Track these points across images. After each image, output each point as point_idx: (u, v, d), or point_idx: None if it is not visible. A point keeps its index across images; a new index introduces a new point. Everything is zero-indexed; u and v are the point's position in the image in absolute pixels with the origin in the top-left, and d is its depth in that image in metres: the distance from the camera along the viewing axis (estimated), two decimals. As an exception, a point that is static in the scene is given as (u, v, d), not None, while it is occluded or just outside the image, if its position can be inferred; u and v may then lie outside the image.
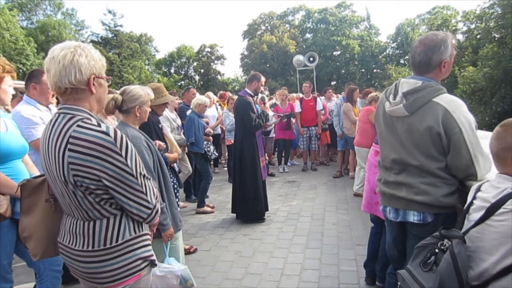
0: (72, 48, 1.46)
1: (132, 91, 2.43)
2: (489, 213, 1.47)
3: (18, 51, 26.28)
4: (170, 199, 2.48)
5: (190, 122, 5.33)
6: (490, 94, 20.38)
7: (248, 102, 4.82)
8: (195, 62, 45.73)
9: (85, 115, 1.48)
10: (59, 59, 1.43)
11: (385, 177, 2.13)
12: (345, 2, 44.26)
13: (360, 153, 5.87)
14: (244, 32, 45.85)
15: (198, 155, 5.47)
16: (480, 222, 1.50)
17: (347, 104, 7.12)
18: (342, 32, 41.91)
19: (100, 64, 1.53)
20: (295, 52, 37.76)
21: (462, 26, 30.88)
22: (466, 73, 22.11)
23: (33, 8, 36.47)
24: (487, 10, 23.40)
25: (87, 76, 1.48)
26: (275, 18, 45.85)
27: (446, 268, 1.46)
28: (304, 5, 45.66)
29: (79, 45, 1.48)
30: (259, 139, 5.00)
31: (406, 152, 1.97)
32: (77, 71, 1.44)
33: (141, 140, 2.34)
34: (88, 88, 1.50)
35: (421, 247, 1.65)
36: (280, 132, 8.21)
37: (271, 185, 6.98)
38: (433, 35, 1.97)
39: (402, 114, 1.96)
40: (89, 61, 1.48)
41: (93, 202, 1.49)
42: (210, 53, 45.74)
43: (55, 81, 1.45)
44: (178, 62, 46.29)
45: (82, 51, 1.47)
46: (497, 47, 21.42)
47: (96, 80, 1.51)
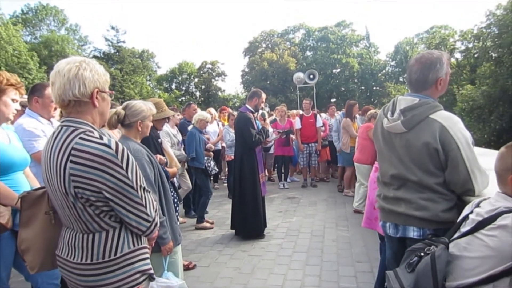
0: (77, 62, 1.49)
1: (134, 106, 2.47)
2: (479, 226, 1.50)
3: (21, 65, 26.58)
4: (170, 213, 2.49)
5: (191, 137, 5.36)
6: (488, 112, 20.53)
7: (249, 118, 4.85)
8: (196, 78, 46.12)
9: (88, 128, 1.50)
10: (64, 73, 1.46)
11: (384, 193, 2.14)
12: (345, 21, 44.97)
13: (360, 170, 5.88)
14: (245, 49, 46.40)
15: (198, 171, 5.47)
16: (469, 233, 1.53)
17: (347, 120, 7.17)
18: (342, 50, 42.41)
19: (104, 78, 1.57)
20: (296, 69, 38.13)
21: (460, 45, 31.27)
22: (465, 91, 22.31)
23: (37, 24, 37.11)
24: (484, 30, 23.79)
25: (90, 90, 1.51)
26: (276, 36, 46.46)
27: (423, 268, 1.51)
28: (305, 24, 46.38)
29: (84, 60, 1.52)
30: (259, 155, 5.01)
31: (404, 167, 1.99)
32: (81, 84, 1.47)
33: (142, 153, 2.37)
34: (91, 101, 1.52)
35: (410, 251, 1.70)
36: (279, 149, 8.23)
37: (270, 201, 6.96)
38: (428, 54, 2.02)
39: (400, 130, 1.99)
40: (93, 75, 1.51)
41: (93, 214, 1.49)
42: (211, 69, 46.18)
43: (59, 94, 1.48)
44: (179, 78, 46.70)
45: (87, 66, 1.50)
46: (494, 66, 21.69)
47: (99, 94, 1.54)
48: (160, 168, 2.47)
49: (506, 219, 1.42)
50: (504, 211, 1.45)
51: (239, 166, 4.97)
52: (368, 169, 5.65)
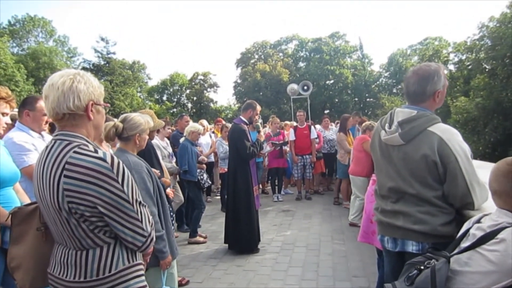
0: (72, 75, 1.50)
1: (133, 119, 2.49)
2: (481, 241, 1.51)
3: (7, 77, 26.40)
4: (168, 226, 2.50)
5: (183, 149, 5.35)
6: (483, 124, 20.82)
7: (243, 130, 4.87)
8: (188, 89, 46.21)
9: (82, 142, 1.50)
10: (58, 86, 1.47)
11: (382, 206, 2.15)
12: (339, 32, 45.54)
13: (355, 182, 5.91)
14: (238, 60, 46.70)
15: (191, 183, 5.45)
16: (470, 248, 1.53)
17: (341, 134, 7.25)
18: (335, 62, 42.88)
19: (99, 91, 1.57)
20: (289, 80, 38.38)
21: (453, 57, 31.86)
22: (459, 103, 22.62)
23: (25, 35, 37.00)
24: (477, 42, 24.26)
25: (85, 102, 1.51)
26: (269, 47, 46.89)
27: (423, 281, 1.52)
28: (298, 35, 46.89)
29: (78, 72, 1.53)
30: (253, 168, 5.02)
31: (402, 180, 2.01)
32: (76, 97, 1.48)
33: (142, 166, 2.38)
34: (86, 114, 1.53)
35: (410, 264, 1.70)
36: (273, 161, 8.25)
37: (265, 214, 6.94)
38: (426, 66, 2.05)
39: (397, 142, 2.01)
40: (88, 88, 1.51)
41: (87, 230, 1.48)
42: (203, 80, 46.32)
43: (53, 107, 1.48)
44: (170, 89, 46.76)
45: (81, 78, 1.51)
46: (488, 78, 22.08)
47: (94, 106, 1.54)
48: (158, 181, 2.49)
49: (509, 233, 1.43)
50: (507, 226, 1.47)
51: (233, 178, 4.96)
52: (363, 181, 5.69)
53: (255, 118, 5.06)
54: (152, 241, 1.63)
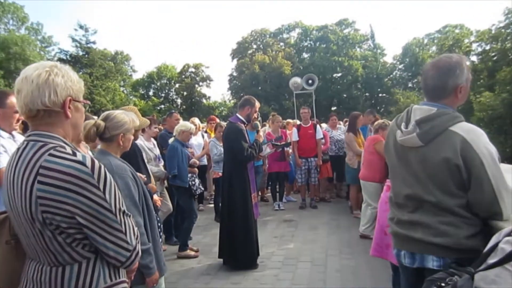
0: (48, 67, 1.49)
1: (116, 117, 2.48)
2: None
3: (-26, 70, 26.38)
4: (155, 239, 2.49)
5: (172, 151, 5.34)
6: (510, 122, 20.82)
7: (240, 130, 4.86)
8: (177, 83, 46.28)
9: (59, 143, 1.49)
10: (33, 79, 1.45)
11: (398, 216, 2.15)
12: (347, 20, 45.69)
13: (366, 188, 5.91)
14: (233, 51, 46.79)
15: (181, 190, 5.44)
16: (498, 264, 1.52)
17: (349, 134, 7.26)
18: (343, 52, 43.02)
19: (78, 86, 1.56)
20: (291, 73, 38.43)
21: (476, 47, 31.98)
22: (483, 98, 22.65)
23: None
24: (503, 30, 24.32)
25: (62, 98, 1.50)
26: (268, 36, 46.98)
27: None
28: (301, 22, 46.99)
29: (55, 64, 1.52)
30: (251, 172, 5.02)
31: (421, 187, 2.00)
32: (52, 91, 1.47)
33: (126, 171, 2.38)
34: (64, 111, 1.51)
35: (430, 280, 1.70)
36: (274, 164, 8.24)
37: (264, 225, 6.94)
38: (446, 58, 2.05)
39: (415, 144, 2.01)
40: (66, 82, 1.50)
41: (64, 243, 1.47)
42: (194, 73, 46.39)
43: (26, 103, 1.47)
44: (157, 83, 46.81)
45: (59, 71, 1.50)
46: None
47: (72, 103, 1.53)
48: (144, 186, 2.48)
49: None
50: None
51: (228, 184, 4.96)
52: (375, 187, 5.70)
53: (253, 116, 5.06)
54: (138, 256, 1.62)
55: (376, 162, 5.66)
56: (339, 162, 8.39)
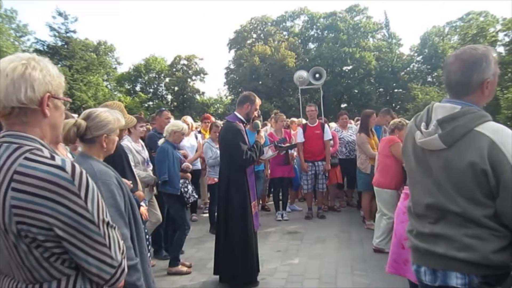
0: (25, 60, 1.48)
1: (99, 116, 2.48)
2: None
3: None
4: (143, 253, 2.48)
5: (162, 154, 5.34)
6: (542, 121, 20.86)
7: (238, 130, 4.86)
8: (168, 77, 46.39)
9: (35, 145, 1.48)
10: (7, 72, 1.45)
11: (418, 228, 2.14)
12: (358, 6, 45.78)
13: (381, 196, 5.91)
14: (231, 41, 46.90)
15: (172, 198, 5.44)
16: None
17: (361, 135, 7.25)
18: (354, 42, 43.10)
19: (58, 81, 1.56)
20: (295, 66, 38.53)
21: (503, 37, 32.02)
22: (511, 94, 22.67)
23: (-40, 10, 36.96)
24: (533, 17, 24.35)
25: (40, 94, 1.49)
26: (270, 24, 47.10)
27: None
28: (307, 9, 47.08)
29: (33, 57, 1.52)
30: (250, 178, 5.01)
31: (443, 195, 2.00)
32: (29, 87, 1.46)
33: (110, 177, 2.37)
34: (41, 109, 1.51)
35: None
36: (276, 169, 8.24)
37: (265, 237, 6.94)
38: (471, 49, 2.04)
39: (437, 146, 2.00)
40: (45, 76, 1.50)
41: (41, 258, 1.47)
42: (186, 66, 46.51)
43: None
44: (145, 77, 46.92)
45: (37, 64, 1.50)
46: (548, 63, 22.12)
47: (51, 100, 1.53)
48: (130, 194, 2.47)
49: None
50: None
51: (225, 191, 4.95)
52: (391, 195, 5.69)
53: (253, 114, 5.06)
54: (123, 273, 1.62)
55: (392, 166, 5.65)
56: (350, 167, 8.38)
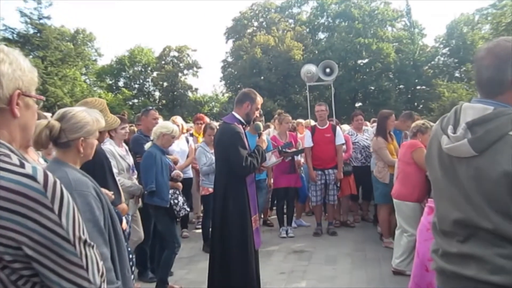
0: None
1: (75, 116, 2.48)
2: None
3: None
4: (125, 275, 2.47)
5: (149, 160, 5.33)
6: None
7: (237, 132, 4.85)
8: (155, 71, 46.45)
9: (3, 150, 1.48)
10: None
11: (445, 247, 2.14)
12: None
13: (401, 209, 5.89)
14: (228, 29, 46.97)
15: (160, 211, 5.43)
16: None
17: (378, 139, 7.23)
18: (371, 32, 43.13)
19: (30, 77, 1.56)
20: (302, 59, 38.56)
21: (542, 27, 31.99)
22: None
23: None
24: None
25: (9, 91, 1.49)
26: (273, 10, 47.21)
27: None
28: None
29: (1, 48, 1.51)
30: (251, 188, 5.00)
31: (473, 209, 1.99)
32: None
33: (88, 187, 2.36)
34: (10, 108, 1.51)
35: None
36: (281, 177, 8.22)
37: (268, 256, 6.95)
38: (505, 42, 2.04)
39: (466, 153, 2.00)
40: (14, 71, 1.50)
41: (7, 281, 1.46)
42: (177, 58, 46.62)
43: None
44: (130, 71, 47.03)
45: (6, 57, 1.49)
46: None
47: (21, 98, 1.53)
48: (110, 207, 2.47)
49: None
50: None
51: (221, 204, 4.93)
52: (413, 208, 5.68)
53: (254, 114, 5.05)
54: (103, 299, 1.61)
55: (414, 175, 5.64)
56: (365, 175, 8.38)
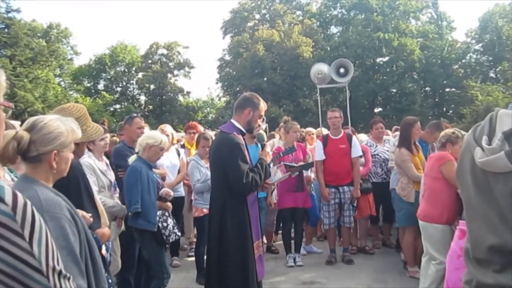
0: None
1: (47, 126, 2.47)
2: None
3: None
4: (105, 311, 2.46)
5: (134, 176, 5.33)
6: None
7: (237, 144, 4.84)
8: (141, 72, 46.50)
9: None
10: None
11: (479, 278, 2.14)
12: (396, -23, 45.97)
13: (428, 233, 5.87)
14: (226, 23, 47.10)
15: (146, 235, 5.42)
16: None
17: (401, 151, 7.17)
18: (392, 26, 43.19)
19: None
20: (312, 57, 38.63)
21: None
22: None
23: None
24: None
25: (-30, 99, 1.51)
26: (278, 1, 47.32)
27: None
28: (328, -19, 47.34)
29: None
30: (253, 209, 4.99)
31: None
32: None
33: (61, 208, 2.34)
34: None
35: None
36: (287, 196, 8.19)
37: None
38: None
39: (504, 168, 2.00)
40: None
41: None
42: (166, 57, 46.72)
43: None
44: (111, 72, 47.10)
45: None
46: None
47: (-15, 106, 1.55)
48: (89, 233, 2.46)
49: None
50: None
51: (218, 227, 4.93)
52: (442, 232, 5.66)
53: (257, 122, 5.06)
54: None
55: (443, 193, 5.62)
56: (386, 193, 8.36)
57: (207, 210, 5.70)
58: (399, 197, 7.29)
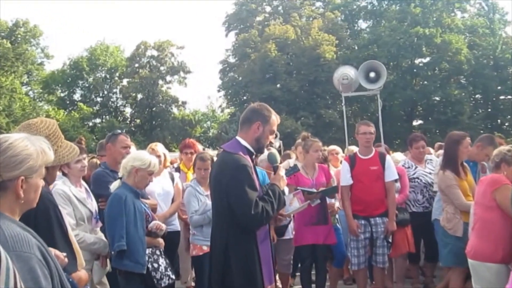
0: None
1: (12, 146, 2.47)
2: None
3: None
4: None
5: (117, 206, 5.34)
6: None
7: (243, 166, 4.85)
8: (126, 78, 46.63)
9: None
10: None
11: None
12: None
13: (480, 274, 5.85)
14: (229, 17, 47.23)
15: (132, 279, 5.42)
16: None
17: (446, 174, 7.13)
18: (433, 20, 43.19)
19: None
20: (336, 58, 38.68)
21: None
22: None
23: None
24: None
25: None
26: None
27: None
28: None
29: None
30: (263, 246, 4.99)
31: None
32: None
33: (30, 246, 2.34)
34: None
35: None
36: (306, 230, 8.18)
37: None
38: None
39: None
40: None
41: None
42: (156, 59, 46.83)
43: None
44: (90, 78, 47.24)
45: None
46: None
47: None
48: (62, 276, 2.47)
49: None
50: None
51: (221, 268, 4.93)
52: (496, 272, 5.64)
53: (268, 139, 5.06)
54: None
55: (498, 225, 5.61)
56: (428, 226, 8.35)
57: (207, 247, 5.70)
58: (443, 230, 7.25)
